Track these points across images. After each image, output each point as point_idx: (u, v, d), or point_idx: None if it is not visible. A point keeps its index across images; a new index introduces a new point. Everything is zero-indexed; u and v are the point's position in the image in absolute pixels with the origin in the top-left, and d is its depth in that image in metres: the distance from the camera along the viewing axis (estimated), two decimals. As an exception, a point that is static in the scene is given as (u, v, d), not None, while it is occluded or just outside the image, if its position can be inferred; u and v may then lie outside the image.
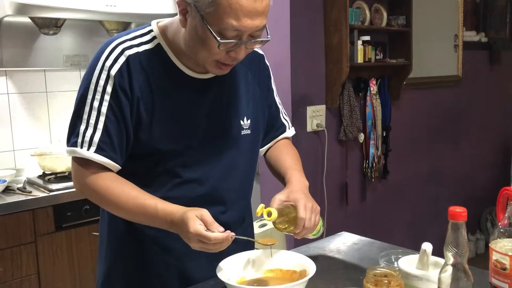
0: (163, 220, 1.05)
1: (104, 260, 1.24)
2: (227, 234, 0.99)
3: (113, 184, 1.09)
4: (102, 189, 1.08)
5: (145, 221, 1.09)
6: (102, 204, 1.14)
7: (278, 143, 1.37)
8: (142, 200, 1.07)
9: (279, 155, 1.32)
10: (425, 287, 0.98)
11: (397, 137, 2.93)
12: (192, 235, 0.98)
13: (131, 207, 1.08)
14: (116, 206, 1.10)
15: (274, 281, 1.13)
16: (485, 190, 3.86)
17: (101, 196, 1.09)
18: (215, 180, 1.18)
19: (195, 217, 0.99)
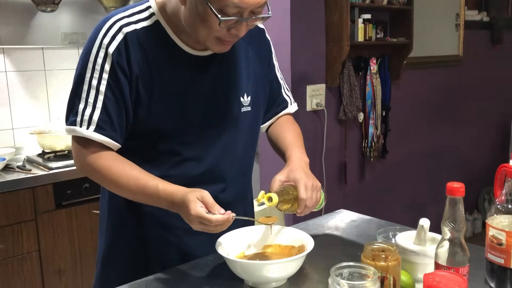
0: (164, 201, 1.05)
1: (104, 236, 1.25)
2: (228, 215, 0.99)
3: (114, 163, 1.09)
4: (103, 169, 1.08)
5: (146, 200, 1.10)
6: (103, 183, 1.14)
7: (279, 119, 1.36)
8: (143, 181, 1.07)
9: (280, 132, 1.32)
10: (422, 262, 0.99)
11: (396, 117, 2.93)
12: (193, 217, 0.99)
13: (132, 187, 1.08)
14: (117, 186, 1.09)
15: (273, 256, 1.14)
16: (484, 170, 3.88)
17: (102, 175, 1.09)
18: (215, 158, 1.18)
19: (196, 199, 0.99)
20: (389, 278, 0.93)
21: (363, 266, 0.92)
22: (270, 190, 1.12)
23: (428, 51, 3.12)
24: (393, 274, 0.93)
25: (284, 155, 1.24)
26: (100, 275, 1.25)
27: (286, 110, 1.37)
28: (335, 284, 0.89)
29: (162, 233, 1.19)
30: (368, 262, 0.94)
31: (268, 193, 1.08)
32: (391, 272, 0.93)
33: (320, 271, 1.13)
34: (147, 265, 1.19)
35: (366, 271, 0.92)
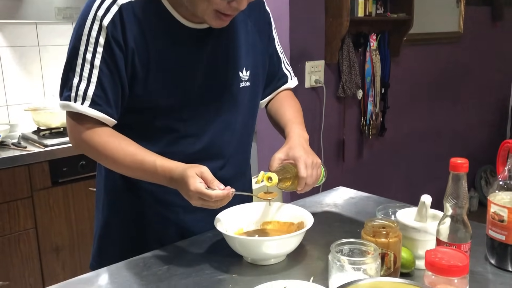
0: (162, 177, 1.03)
1: (101, 214, 1.24)
2: (227, 191, 0.98)
3: (110, 139, 1.06)
4: (99, 145, 1.06)
5: (144, 177, 1.08)
6: (99, 160, 1.12)
7: (279, 94, 1.33)
8: (141, 157, 1.05)
9: (279, 107, 1.29)
10: (423, 239, 0.98)
11: (395, 95, 2.90)
12: (192, 193, 0.97)
13: (129, 163, 1.06)
14: (114, 162, 1.07)
15: (272, 233, 1.13)
16: (481, 148, 3.88)
17: (98, 152, 1.07)
18: (213, 135, 1.16)
19: (195, 175, 0.98)
20: (390, 254, 0.92)
21: (363, 243, 0.91)
22: (270, 168, 1.10)
23: (428, 27, 3.08)
24: (394, 250, 0.92)
25: (284, 131, 1.22)
26: (97, 252, 1.25)
27: (286, 85, 1.34)
28: (335, 261, 0.88)
29: (159, 210, 1.18)
30: (368, 238, 0.93)
31: (268, 173, 1.06)
32: (392, 248, 0.92)
33: (319, 248, 1.13)
34: (144, 242, 1.18)
35: (366, 248, 0.91)
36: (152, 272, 1.02)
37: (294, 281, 0.91)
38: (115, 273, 1.03)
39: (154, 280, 0.98)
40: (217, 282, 0.98)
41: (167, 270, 1.02)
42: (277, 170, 1.09)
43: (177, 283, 0.97)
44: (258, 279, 0.98)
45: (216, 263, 1.05)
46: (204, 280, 0.98)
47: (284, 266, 1.04)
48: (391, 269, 0.93)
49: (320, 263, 1.05)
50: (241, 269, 1.03)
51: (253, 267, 1.04)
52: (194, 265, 1.04)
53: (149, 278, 0.99)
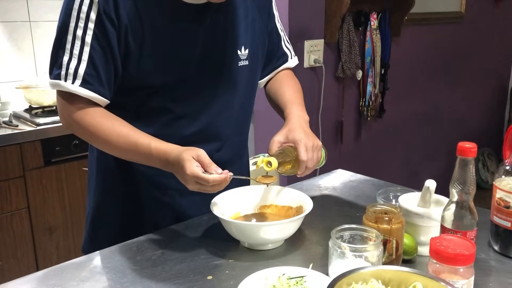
0: (156, 159, 0.99)
1: (93, 196, 1.20)
2: (225, 174, 0.94)
3: (102, 120, 1.02)
4: (91, 126, 1.02)
5: (138, 159, 1.04)
6: (91, 142, 1.07)
7: (278, 74, 1.29)
8: (135, 138, 1.01)
9: (278, 87, 1.25)
10: (426, 225, 0.95)
11: (395, 75, 2.85)
12: (189, 177, 0.93)
13: (122, 145, 1.02)
14: (106, 144, 1.03)
15: (270, 217, 1.10)
16: (479, 131, 3.85)
17: (90, 133, 1.03)
18: (210, 116, 1.11)
19: (192, 158, 0.93)
20: (392, 241, 0.89)
21: (365, 229, 0.88)
22: (269, 152, 1.06)
23: (430, 6, 3.01)
24: (396, 237, 0.89)
25: (283, 112, 1.18)
26: (89, 236, 1.21)
27: (286, 64, 1.29)
28: (336, 247, 0.85)
29: (154, 192, 1.14)
30: (370, 224, 0.89)
31: (267, 158, 1.03)
32: (394, 235, 0.89)
33: (318, 233, 1.10)
34: (138, 225, 1.14)
35: (368, 234, 0.88)
36: (146, 256, 0.99)
37: (293, 268, 0.88)
38: (108, 257, 0.99)
39: (148, 265, 0.95)
40: (213, 267, 0.94)
41: (161, 255, 0.99)
42: (276, 154, 1.05)
43: (172, 268, 0.94)
44: (255, 265, 0.95)
45: (212, 248, 1.01)
46: (200, 265, 0.95)
47: (282, 251, 1.01)
48: (393, 256, 0.90)
49: (319, 249, 1.02)
50: (238, 254, 1.00)
51: (250, 252, 1.01)
52: (189, 249, 1.01)
53: (143, 263, 0.96)
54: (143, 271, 0.93)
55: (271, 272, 0.87)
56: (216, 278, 0.91)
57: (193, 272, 0.93)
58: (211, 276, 0.91)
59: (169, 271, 0.93)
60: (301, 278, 0.85)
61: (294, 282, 0.84)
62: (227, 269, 0.94)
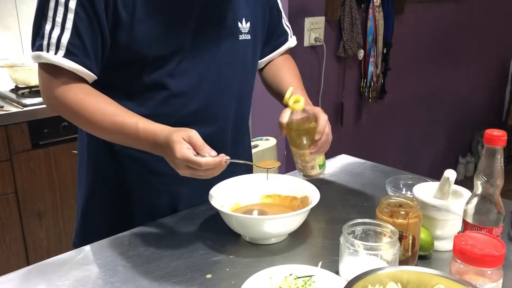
0: (144, 141, 0.90)
1: (84, 185, 1.11)
2: (220, 158, 0.85)
3: (87, 97, 0.93)
4: (73, 104, 0.92)
5: (124, 141, 0.95)
6: (74, 121, 0.97)
7: (277, 59, 1.22)
8: (121, 118, 0.92)
9: (277, 71, 1.17)
10: (443, 218, 0.87)
11: (397, 55, 2.76)
12: (179, 160, 0.85)
13: (107, 125, 0.93)
14: (90, 124, 0.94)
15: (272, 208, 1.02)
16: (478, 112, 3.78)
17: (72, 111, 0.93)
18: (209, 94, 1.02)
19: (182, 140, 0.85)
20: (408, 237, 0.81)
21: (379, 224, 0.80)
22: (280, 119, 1.02)
23: (434, -17, 2.90)
24: (413, 232, 0.82)
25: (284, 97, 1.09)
26: (81, 228, 1.13)
27: (286, 44, 1.22)
28: (348, 245, 0.77)
29: (149, 180, 1.06)
30: (384, 219, 0.82)
31: (296, 95, 0.99)
32: (411, 230, 0.81)
33: (324, 224, 1.02)
34: (133, 215, 1.06)
35: (382, 229, 0.80)
36: (139, 252, 0.91)
37: (300, 266, 0.80)
38: (97, 252, 0.91)
39: (141, 262, 0.87)
40: (212, 264, 0.87)
41: (155, 250, 0.91)
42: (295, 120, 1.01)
43: (167, 265, 0.86)
44: (258, 261, 0.87)
45: (211, 242, 0.94)
46: (198, 262, 0.87)
47: (286, 245, 0.94)
48: (409, 253, 0.83)
49: (326, 243, 0.94)
50: (239, 249, 0.92)
51: (252, 246, 0.93)
52: (185, 244, 0.93)
53: (135, 259, 0.88)
54: (136, 268, 0.85)
55: (276, 271, 0.79)
56: (215, 276, 0.83)
57: (191, 269, 0.85)
58: (210, 275, 0.83)
59: (164, 268, 0.85)
60: (310, 278, 0.78)
61: (302, 283, 0.76)
62: (227, 266, 0.86)
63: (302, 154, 1.04)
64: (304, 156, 1.04)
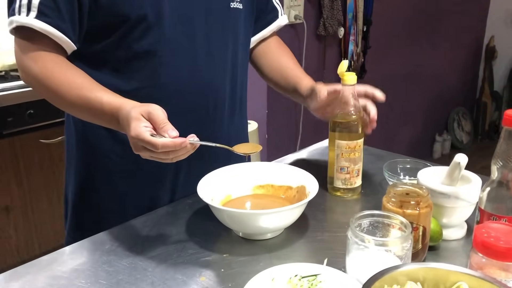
0: (109, 117, 0.82)
1: (73, 179, 1.01)
2: (181, 140, 0.75)
3: (55, 67, 0.85)
4: (40, 74, 0.84)
5: (91, 118, 0.87)
6: (41, 94, 0.88)
7: (269, 41, 1.14)
8: (87, 91, 0.83)
9: (278, 57, 1.12)
10: (452, 206, 0.81)
11: (377, 33, 2.69)
12: (134, 140, 0.75)
13: (73, 98, 0.83)
14: (56, 97, 0.86)
15: (266, 200, 0.94)
16: (454, 90, 3.78)
17: (38, 82, 0.85)
18: (201, 62, 0.93)
19: (140, 117, 0.76)
20: (419, 228, 0.75)
21: (388, 215, 0.74)
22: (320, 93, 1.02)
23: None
24: (424, 223, 0.75)
25: (293, 86, 1.06)
26: (74, 225, 1.04)
27: (277, 21, 1.14)
28: (357, 240, 0.70)
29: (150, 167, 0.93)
30: (393, 209, 0.75)
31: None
32: (422, 221, 0.75)
33: (321, 215, 0.94)
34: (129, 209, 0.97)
35: (390, 221, 0.74)
36: (122, 254, 0.81)
37: (304, 265, 0.73)
38: (76, 256, 0.81)
39: (125, 267, 0.78)
40: (204, 265, 0.78)
41: (141, 252, 0.82)
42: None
43: (155, 269, 0.77)
44: (255, 260, 0.80)
45: (201, 240, 0.85)
46: (188, 263, 0.78)
47: (283, 240, 0.86)
48: (419, 245, 0.76)
49: (326, 235, 0.87)
50: (233, 246, 0.84)
51: (246, 243, 0.85)
52: (173, 242, 0.84)
53: (118, 263, 0.79)
54: (120, 274, 0.76)
55: (278, 271, 0.71)
56: (210, 279, 0.75)
57: (181, 272, 0.76)
58: (204, 277, 0.75)
59: (152, 273, 0.76)
60: (315, 277, 0.71)
61: (308, 285, 0.69)
62: (222, 267, 0.78)
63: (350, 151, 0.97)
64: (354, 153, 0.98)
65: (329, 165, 1.02)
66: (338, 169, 0.99)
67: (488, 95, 3.97)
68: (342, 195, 1.01)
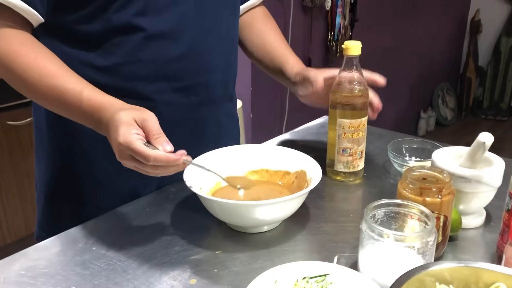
0: (88, 116, 0.71)
1: (45, 162, 0.89)
2: (176, 156, 0.65)
3: (22, 49, 0.72)
4: (4, 57, 0.72)
5: (63, 112, 0.76)
6: (7, 80, 0.75)
7: (254, 11, 1.03)
8: (63, 81, 0.71)
9: (262, 32, 1.01)
10: (473, 191, 0.72)
11: (363, 6, 2.58)
12: (122, 147, 0.65)
13: (44, 89, 0.71)
14: (23, 86, 0.74)
15: (261, 187, 0.83)
16: (439, 65, 3.72)
17: (2, 65, 0.73)
18: (193, 35, 0.82)
19: (133, 122, 0.66)
20: (441, 218, 0.66)
21: (406, 204, 0.64)
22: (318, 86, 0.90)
23: None
24: (446, 212, 0.66)
25: (278, 65, 0.97)
26: (46, 219, 0.92)
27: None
28: (373, 234, 0.60)
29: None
30: (412, 197, 0.65)
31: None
32: (444, 210, 0.65)
33: (322, 202, 0.85)
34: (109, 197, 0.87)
35: (409, 210, 0.64)
36: (97, 254, 0.70)
37: (311, 264, 0.63)
38: (43, 256, 0.70)
39: (101, 269, 0.67)
40: (194, 264, 0.68)
41: (120, 250, 0.71)
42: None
43: (136, 271, 0.66)
44: (253, 257, 0.69)
45: (189, 234, 0.74)
46: (176, 263, 0.68)
47: (282, 233, 0.76)
48: (440, 237, 0.67)
49: (329, 226, 0.77)
50: (226, 242, 0.73)
51: (240, 237, 0.75)
52: (157, 238, 0.73)
53: (93, 264, 0.68)
54: (95, 278, 0.65)
55: (280, 272, 0.61)
56: (202, 282, 0.65)
57: (168, 275, 0.66)
58: (194, 280, 0.65)
59: (133, 275, 0.66)
60: (324, 278, 0.61)
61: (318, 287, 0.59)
62: (214, 266, 0.68)
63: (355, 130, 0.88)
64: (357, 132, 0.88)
65: (329, 147, 0.92)
66: (340, 151, 0.89)
67: (472, 70, 3.92)
68: (343, 180, 0.91)
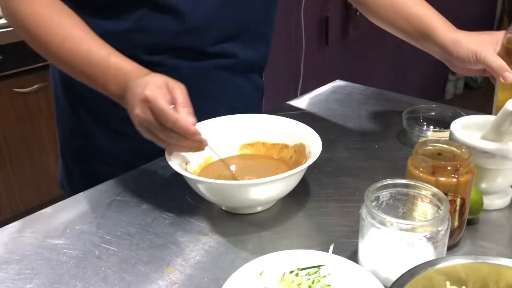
0: (112, 80, 0.68)
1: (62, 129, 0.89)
2: (194, 130, 0.61)
3: (46, 12, 0.70)
4: (27, 19, 0.70)
5: (85, 79, 0.71)
6: (31, 44, 0.73)
7: None
8: (88, 46, 0.69)
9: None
10: (498, 167, 0.62)
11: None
12: (146, 103, 0.61)
13: (68, 51, 0.69)
14: (47, 49, 0.71)
15: (256, 162, 0.75)
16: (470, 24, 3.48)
17: (25, 29, 0.71)
18: (207, 10, 0.75)
19: (163, 85, 0.62)
20: (457, 201, 0.56)
21: (417, 186, 0.55)
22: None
23: None
24: (463, 194, 0.56)
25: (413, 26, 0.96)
26: (64, 170, 0.93)
27: None
28: (374, 221, 0.51)
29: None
30: (423, 177, 0.56)
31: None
32: (461, 192, 0.56)
33: (322, 178, 0.76)
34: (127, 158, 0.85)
35: (419, 192, 0.55)
36: (70, 238, 0.63)
37: (302, 253, 0.55)
38: (10, 241, 0.64)
39: (71, 256, 0.61)
40: (174, 251, 0.61)
41: (94, 233, 0.64)
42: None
43: (109, 259, 0.60)
44: (241, 241, 0.62)
45: (173, 216, 0.67)
46: (154, 249, 0.61)
47: (277, 214, 0.68)
48: (455, 223, 0.58)
49: (328, 207, 0.69)
50: (213, 224, 0.66)
51: (231, 218, 0.67)
52: (135, 220, 0.66)
53: (63, 250, 0.61)
54: (64, 267, 0.59)
55: (267, 262, 0.54)
56: (180, 271, 0.57)
57: (144, 262, 0.59)
58: (172, 269, 0.58)
59: (106, 262, 0.59)
60: (317, 270, 0.53)
61: (308, 284, 0.51)
62: (197, 253, 0.60)
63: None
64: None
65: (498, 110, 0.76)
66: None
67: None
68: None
